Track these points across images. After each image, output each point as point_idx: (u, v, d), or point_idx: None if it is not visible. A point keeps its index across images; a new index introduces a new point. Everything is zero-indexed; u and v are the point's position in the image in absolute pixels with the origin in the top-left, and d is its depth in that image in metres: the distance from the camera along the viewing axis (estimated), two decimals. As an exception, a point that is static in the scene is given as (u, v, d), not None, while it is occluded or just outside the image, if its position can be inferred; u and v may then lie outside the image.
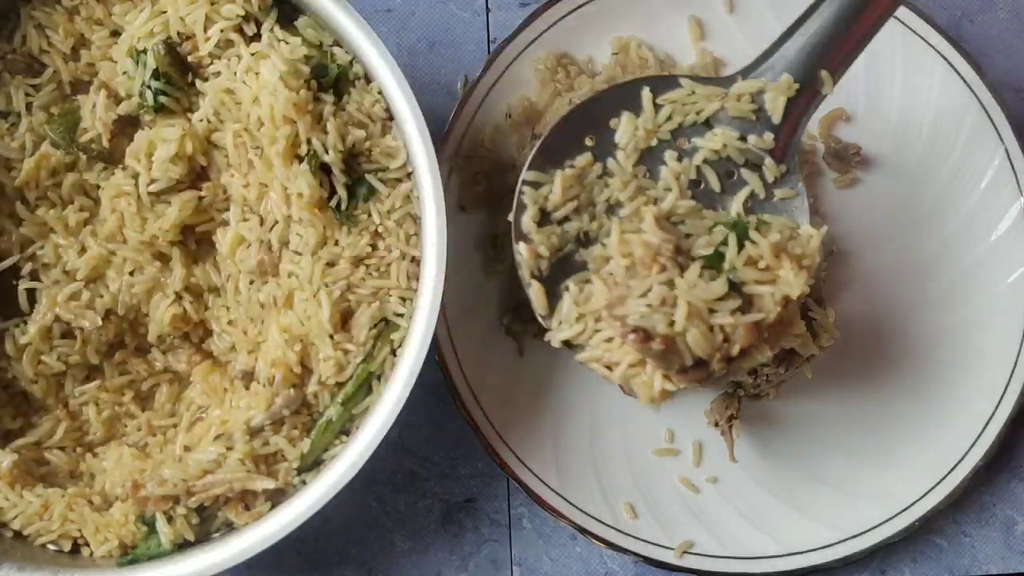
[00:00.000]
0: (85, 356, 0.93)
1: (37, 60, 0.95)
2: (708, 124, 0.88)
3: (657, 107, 0.88)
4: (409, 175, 0.92)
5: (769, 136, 0.88)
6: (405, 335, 0.90)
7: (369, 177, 0.91)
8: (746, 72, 0.90)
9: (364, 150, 0.92)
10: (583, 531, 1.00)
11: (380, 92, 0.92)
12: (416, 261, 0.92)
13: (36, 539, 0.92)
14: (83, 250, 0.94)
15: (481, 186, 1.03)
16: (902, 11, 1.02)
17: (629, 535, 1.00)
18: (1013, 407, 1.01)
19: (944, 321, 1.03)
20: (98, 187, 0.94)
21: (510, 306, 1.02)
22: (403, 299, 0.91)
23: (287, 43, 0.90)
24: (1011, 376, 1.01)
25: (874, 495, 1.01)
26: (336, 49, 0.93)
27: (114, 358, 0.95)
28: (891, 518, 1.00)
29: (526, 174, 0.88)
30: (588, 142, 0.89)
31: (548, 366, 1.03)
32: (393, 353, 0.91)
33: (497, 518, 1.05)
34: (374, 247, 0.92)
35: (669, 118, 0.88)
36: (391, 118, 0.92)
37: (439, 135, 1.01)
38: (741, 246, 0.82)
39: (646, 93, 0.88)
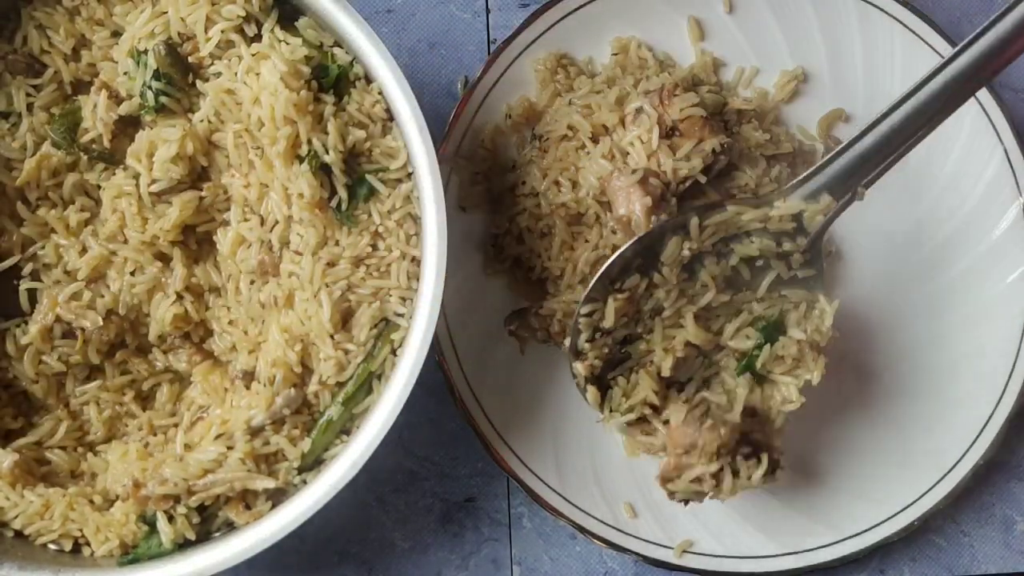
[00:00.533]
0: (86, 356, 0.93)
1: (38, 60, 0.95)
2: (747, 232, 0.93)
3: (702, 228, 0.92)
4: (409, 175, 0.92)
5: (803, 241, 0.93)
6: (405, 335, 0.90)
7: (369, 177, 0.92)
8: (787, 191, 0.93)
9: (364, 150, 0.92)
10: (583, 530, 1.00)
11: (380, 93, 0.92)
12: (416, 261, 0.92)
13: (37, 539, 0.92)
14: (84, 250, 0.94)
15: (481, 186, 1.04)
16: (901, 11, 1.03)
17: (629, 534, 1.00)
18: (1012, 407, 1.01)
19: (944, 321, 1.03)
20: (99, 187, 0.95)
21: (515, 312, 1.02)
22: (403, 299, 0.92)
23: (288, 44, 0.91)
24: (1010, 376, 1.01)
25: (873, 495, 1.01)
26: (337, 50, 0.93)
27: (115, 358, 0.95)
28: (890, 517, 1.00)
29: (583, 307, 0.92)
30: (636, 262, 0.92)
31: (548, 366, 1.03)
32: (393, 353, 0.92)
33: (497, 517, 1.05)
34: (374, 247, 0.92)
35: (712, 234, 0.93)
36: (391, 118, 0.92)
37: (439, 135, 1.01)
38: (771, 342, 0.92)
39: (694, 222, 0.91)
